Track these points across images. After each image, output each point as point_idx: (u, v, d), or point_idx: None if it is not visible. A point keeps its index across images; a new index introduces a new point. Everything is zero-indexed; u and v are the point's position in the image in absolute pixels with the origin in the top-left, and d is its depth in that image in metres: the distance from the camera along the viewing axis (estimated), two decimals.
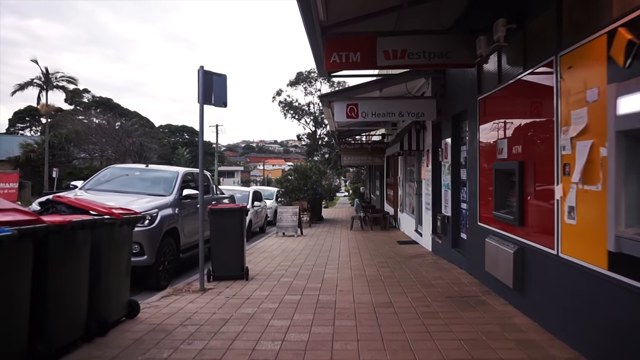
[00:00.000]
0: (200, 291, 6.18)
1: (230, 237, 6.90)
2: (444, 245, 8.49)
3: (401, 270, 7.52)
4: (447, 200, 8.29)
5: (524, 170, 4.79)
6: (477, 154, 6.43)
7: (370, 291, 6.03)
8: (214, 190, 10.21)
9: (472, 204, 6.74)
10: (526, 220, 4.76)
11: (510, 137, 5.18)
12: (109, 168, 8.71)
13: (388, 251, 9.91)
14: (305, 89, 40.40)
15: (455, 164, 7.99)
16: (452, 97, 8.03)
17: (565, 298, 3.92)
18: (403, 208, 14.25)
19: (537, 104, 4.53)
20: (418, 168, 11.83)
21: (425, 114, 8.79)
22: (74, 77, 38.21)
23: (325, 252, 9.88)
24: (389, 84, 9.61)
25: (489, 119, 5.97)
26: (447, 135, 8.31)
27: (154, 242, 6.62)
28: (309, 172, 19.49)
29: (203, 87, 6.33)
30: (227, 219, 6.92)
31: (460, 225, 7.91)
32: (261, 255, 9.66)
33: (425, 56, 5.87)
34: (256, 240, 12.82)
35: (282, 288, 6.32)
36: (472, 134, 6.78)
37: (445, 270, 7.40)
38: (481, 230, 6.20)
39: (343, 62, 6.01)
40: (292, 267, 8.00)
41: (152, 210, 6.68)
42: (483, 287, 6.03)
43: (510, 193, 5.39)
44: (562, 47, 3.96)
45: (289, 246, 11.09)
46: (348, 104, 8.75)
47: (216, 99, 6.53)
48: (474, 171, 6.63)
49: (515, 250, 4.82)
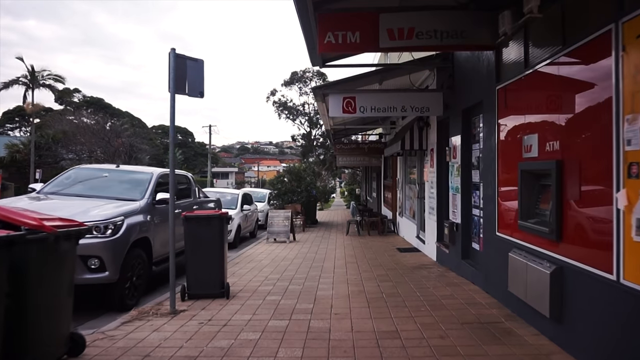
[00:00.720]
0: (171, 314, 5.22)
1: (208, 249, 5.95)
2: (452, 256, 7.56)
3: (405, 285, 6.58)
4: (456, 206, 7.36)
5: (563, 171, 3.87)
6: (495, 152, 5.51)
7: (371, 314, 5.09)
8: (197, 193, 9.24)
9: (488, 210, 5.82)
10: (567, 233, 3.84)
11: (543, 132, 4.26)
12: (74, 169, 7.72)
13: (388, 261, 8.98)
14: (300, 89, 39.46)
15: (465, 165, 7.08)
16: (462, 89, 7.12)
17: (629, 338, 3.00)
18: (403, 212, 13.32)
19: (583, 87, 3.61)
20: (420, 169, 10.91)
21: (431, 109, 7.87)
22: (62, 76, 37.02)
23: (319, 262, 8.93)
24: (389, 76, 8.68)
25: (512, 111, 5.06)
26: (455, 132, 7.39)
27: (118, 255, 5.64)
28: (303, 174, 18.52)
29: (175, 74, 5.38)
30: (205, 227, 5.96)
31: (471, 233, 6.99)
32: (248, 265, 8.70)
33: (437, 36, 4.95)
34: (245, 246, 11.87)
35: (268, 309, 5.37)
36: (488, 130, 5.86)
37: (455, 285, 6.47)
38: (501, 242, 5.28)
39: (339, 44, 5.08)
40: (281, 281, 7.05)
41: (115, 219, 5.71)
42: (505, 309, 5.10)
43: (540, 199, 4.47)
44: (624, 10, 3.05)
45: (280, 254, 10.14)
46: (344, 97, 7.82)
47: (191, 87, 5.58)
48: (490, 172, 5.72)
49: (552, 271, 3.89)
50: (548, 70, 4.20)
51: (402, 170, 13.39)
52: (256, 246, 11.74)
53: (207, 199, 10.00)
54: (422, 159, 10.60)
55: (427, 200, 9.71)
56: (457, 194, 7.32)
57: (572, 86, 3.80)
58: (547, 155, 4.15)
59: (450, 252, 7.66)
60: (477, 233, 6.68)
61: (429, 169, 9.43)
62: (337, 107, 7.85)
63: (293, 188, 17.71)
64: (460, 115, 7.14)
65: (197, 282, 5.97)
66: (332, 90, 7.89)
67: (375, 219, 14.93)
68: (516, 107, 4.95)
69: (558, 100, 4.00)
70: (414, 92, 8.19)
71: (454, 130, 7.48)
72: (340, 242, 12.38)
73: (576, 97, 3.71)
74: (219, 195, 14.02)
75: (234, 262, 9.06)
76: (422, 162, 10.49)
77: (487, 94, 5.84)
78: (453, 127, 7.58)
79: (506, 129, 5.23)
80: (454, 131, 7.48)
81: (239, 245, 12.51)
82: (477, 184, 6.74)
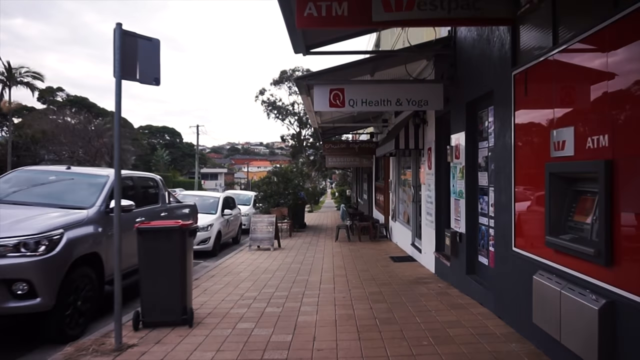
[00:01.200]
0: (115, 352, 4.21)
1: (168, 268, 4.94)
2: (455, 270, 6.62)
3: (402, 307, 5.63)
4: (459, 212, 6.43)
5: (614, 174, 2.94)
6: (510, 151, 4.58)
7: (363, 351, 4.12)
8: (167, 198, 8.22)
9: (502, 220, 4.88)
10: (621, 256, 2.90)
11: (583, 124, 3.33)
12: (15, 171, 6.66)
13: (381, 272, 8.02)
14: (290, 88, 38.61)
15: (470, 166, 6.14)
16: (467, 78, 6.18)
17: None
18: (396, 216, 12.38)
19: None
20: (415, 170, 9.98)
21: (430, 103, 6.92)
22: (40, 73, 35.63)
23: (304, 275, 7.95)
24: (383, 66, 7.72)
25: (535, 100, 4.12)
26: (458, 129, 6.46)
27: (53, 277, 4.61)
28: (291, 175, 17.51)
29: (121, 55, 4.37)
30: (163, 242, 4.95)
31: (478, 245, 6.06)
32: (224, 279, 7.69)
33: (444, 6, 4.01)
34: (225, 255, 10.85)
35: (236, 344, 4.38)
36: (500, 125, 4.93)
37: (461, 307, 5.52)
38: (520, 260, 4.34)
39: (322, 17, 4.12)
40: (258, 301, 6.07)
41: (50, 232, 4.67)
42: (527, 344, 4.16)
43: (574, 209, 3.54)
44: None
45: (262, 265, 9.15)
46: (332, 89, 6.84)
47: (143, 73, 4.58)
48: (504, 175, 4.79)
49: (602, 306, 2.95)
50: (589, 45, 3.27)
51: (395, 172, 12.45)
52: (237, 254, 10.73)
53: (179, 205, 8.98)
54: (417, 159, 9.67)
55: (424, 205, 8.77)
56: (460, 199, 6.39)
57: (629, 62, 2.86)
58: (589, 154, 3.22)
59: (452, 266, 6.73)
60: (486, 245, 5.75)
61: (426, 171, 8.50)
62: (324, 101, 6.87)
63: (280, 190, 16.72)
64: (464, 109, 6.20)
65: (154, 308, 4.96)
66: (317, 80, 6.91)
67: (367, 223, 13.97)
68: (541, 95, 4.01)
69: (607, 82, 3.06)
70: (411, 83, 7.24)
71: (457, 127, 6.54)
72: (329, 249, 11.40)
73: (635, 76, 2.78)
74: (198, 198, 13.04)
75: (210, 275, 8.05)
76: (418, 163, 9.56)
77: (499, 82, 4.91)
78: (455, 123, 6.65)
79: (526, 123, 4.30)
80: (457, 127, 6.54)
81: (219, 254, 11.50)
82: (484, 189, 5.81)
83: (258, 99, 39.43)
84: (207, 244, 11.20)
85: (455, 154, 6.59)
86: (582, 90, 3.35)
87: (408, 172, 10.90)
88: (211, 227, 11.41)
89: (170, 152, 67.02)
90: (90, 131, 34.19)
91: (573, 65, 3.50)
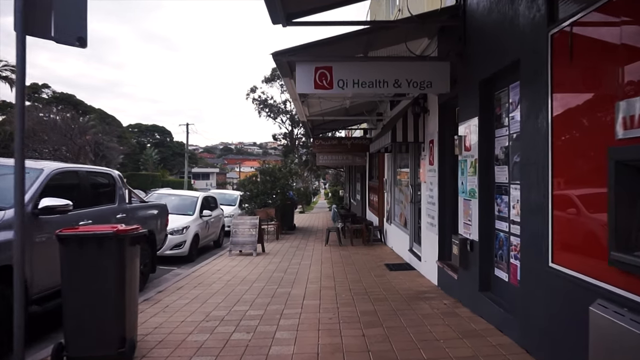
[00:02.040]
0: None
1: (99, 287, 3.80)
2: (464, 284, 5.53)
3: (401, 333, 4.51)
4: (470, 215, 5.33)
5: None
6: (547, 135, 3.48)
7: None
8: (127, 197, 7.06)
9: (533, 225, 3.78)
10: None
11: None
12: None
13: (375, 284, 6.92)
14: (282, 86, 37.44)
15: (484, 159, 5.05)
16: (480, 52, 5.08)
17: None
18: (391, 218, 11.27)
19: None
20: (414, 167, 8.87)
21: (434, 84, 5.84)
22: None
23: (286, 287, 6.83)
24: (379, 42, 6.60)
25: (586, 63, 3.03)
26: (469, 115, 5.36)
27: None
28: (279, 174, 16.35)
29: (25, 1, 3.23)
30: (93, 252, 3.81)
31: (494, 255, 4.96)
32: (192, 292, 6.55)
33: None
34: (203, 260, 9.71)
35: None
36: (530, 104, 3.83)
37: (475, 336, 4.41)
38: (563, 281, 3.25)
39: None
40: (224, 324, 4.93)
41: None
42: None
43: None
44: None
45: (240, 273, 8.01)
46: (317, 67, 5.74)
47: (60, 28, 3.43)
48: (537, 167, 3.68)
49: None
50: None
51: (390, 169, 11.35)
52: (215, 260, 9.59)
53: (144, 205, 7.84)
54: (416, 154, 8.58)
55: (425, 206, 7.68)
56: (471, 199, 5.29)
57: None
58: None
59: (460, 279, 5.63)
60: (505, 257, 4.65)
61: (427, 167, 7.41)
62: (308, 81, 5.77)
63: (266, 190, 15.58)
64: (476, 90, 5.10)
65: (83, 337, 3.82)
66: (300, 57, 5.78)
67: (360, 225, 12.87)
68: (596, 57, 2.92)
69: None
70: (411, 61, 6.14)
71: (467, 113, 5.44)
72: (317, 254, 10.27)
73: None
74: (175, 198, 11.90)
75: (177, 287, 6.91)
76: (417, 159, 8.46)
77: (529, 48, 3.82)
78: (465, 109, 5.55)
79: (572, 96, 3.21)
80: (467, 114, 5.44)
81: (197, 259, 10.36)
82: (503, 186, 4.71)
83: (249, 97, 38.30)
84: (182, 249, 10.05)
85: (464, 145, 5.49)
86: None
87: (405, 170, 9.81)
88: (187, 229, 10.26)
89: (160, 151, 65.66)
90: (74, 128, 32.84)
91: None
